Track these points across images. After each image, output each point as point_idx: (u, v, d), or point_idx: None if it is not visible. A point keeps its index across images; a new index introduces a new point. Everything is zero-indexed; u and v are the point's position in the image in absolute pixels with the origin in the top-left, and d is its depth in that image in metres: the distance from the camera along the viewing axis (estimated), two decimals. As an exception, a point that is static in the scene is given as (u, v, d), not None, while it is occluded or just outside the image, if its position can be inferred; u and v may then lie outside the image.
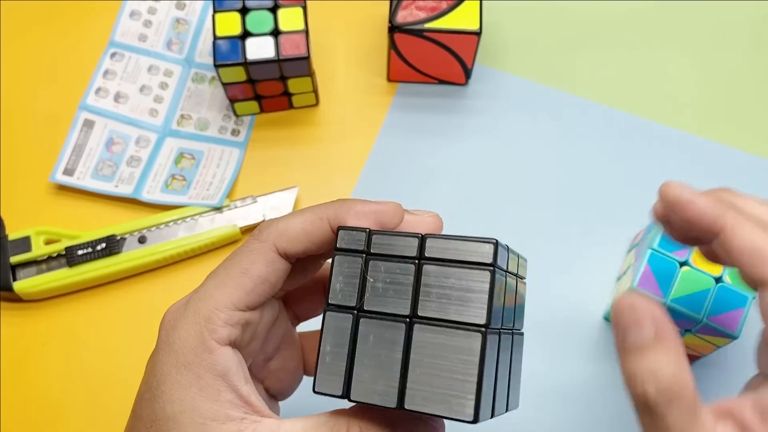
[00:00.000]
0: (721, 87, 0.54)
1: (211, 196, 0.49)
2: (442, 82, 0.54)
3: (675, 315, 0.40)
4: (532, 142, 0.52)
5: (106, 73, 0.54)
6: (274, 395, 0.34)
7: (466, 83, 0.54)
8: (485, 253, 0.25)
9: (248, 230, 0.49)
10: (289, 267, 0.29)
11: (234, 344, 0.28)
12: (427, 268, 0.26)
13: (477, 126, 0.53)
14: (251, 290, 0.28)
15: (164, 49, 0.55)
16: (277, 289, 0.29)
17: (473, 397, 0.24)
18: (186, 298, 0.29)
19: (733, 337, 0.40)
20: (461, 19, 0.49)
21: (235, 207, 0.49)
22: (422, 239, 0.26)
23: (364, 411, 0.27)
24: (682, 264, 0.41)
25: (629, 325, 0.26)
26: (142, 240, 0.48)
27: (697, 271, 0.41)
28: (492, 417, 0.26)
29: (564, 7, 0.57)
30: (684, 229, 0.30)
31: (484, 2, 0.50)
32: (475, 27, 0.48)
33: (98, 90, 0.53)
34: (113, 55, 0.54)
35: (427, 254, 0.26)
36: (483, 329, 0.24)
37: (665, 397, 0.24)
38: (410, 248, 0.26)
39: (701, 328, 0.40)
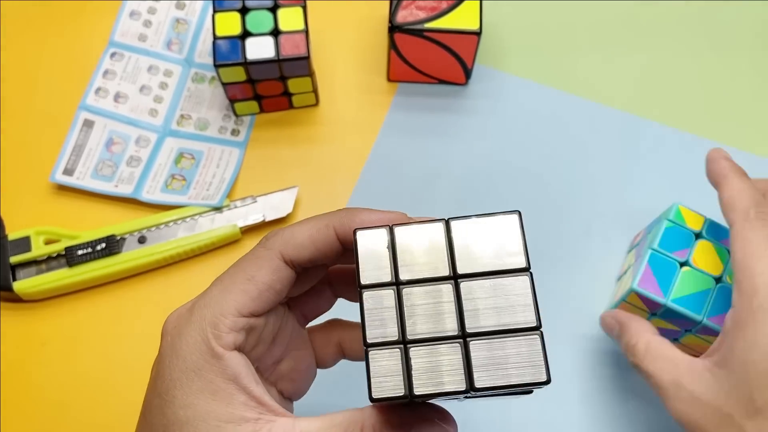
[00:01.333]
0: (721, 87, 0.54)
1: (211, 196, 0.49)
2: (442, 82, 0.54)
3: (675, 315, 0.40)
4: (531, 142, 0.52)
5: (105, 73, 0.54)
6: (289, 396, 0.34)
7: (466, 83, 0.54)
8: (519, 261, 0.26)
9: (248, 230, 0.49)
10: (295, 276, 0.29)
11: (240, 349, 0.28)
12: (465, 285, 0.26)
13: (477, 126, 0.53)
14: (256, 297, 0.28)
15: (164, 49, 0.55)
16: (282, 296, 0.29)
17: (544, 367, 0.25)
18: (189, 304, 0.29)
19: None
20: (461, 19, 0.49)
21: (235, 207, 0.49)
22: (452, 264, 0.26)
23: (378, 411, 0.27)
24: (682, 264, 0.41)
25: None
26: (142, 240, 0.48)
27: (698, 271, 0.41)
28: None
29: (564, 8, 0.57)
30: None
31: (484, 2, 0.50)
32: (475, 27, 0.48)
33: (98, 90, 0.53)
34: (113, 55, 0.54)
35: (459, 271, 0.26)
36: (538, 330, 0.25)
37: None
38: (443, 266, 0.26)
39: (701, 329, 0.40)
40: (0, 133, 0.52)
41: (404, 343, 0.25)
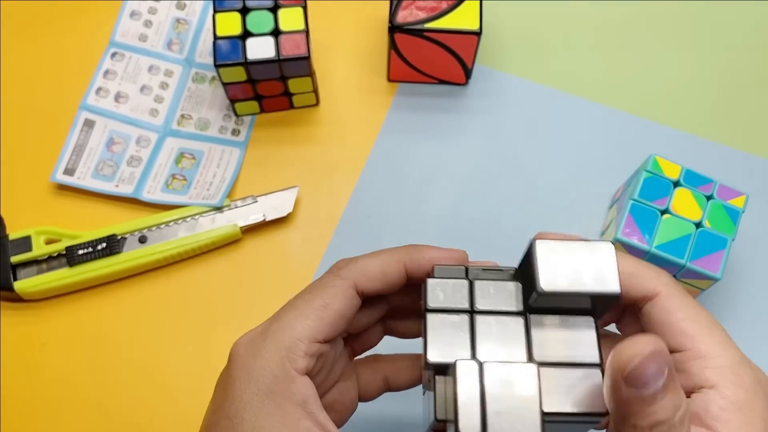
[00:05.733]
0: (721, 87, 0.54)
1: (212, 195, 0.49)
2: (442, 82, 0.54)
3: (659, 261, 0.42)
4: (531, 142, 0.52)
5: (106, 73, 0.54)
6: None
7: (466, 83, 0.54)
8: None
9: (249, 230, 0.49)
10: (360, 303, 0.31)
11: (309, 374, 0.29)
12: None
13: (477, 126, 0.53)
14: (330, 323, 0.29)
15: (164, 49, 0.55)
16: (350, 323, 0.31)
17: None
18: (260, 328, 0.30)
19: (715, 279, 0.42)
20: (461, 19, 0.49)
21: (236, 207, 0.49)
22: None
23: None
24: (663, 212, 0.43)
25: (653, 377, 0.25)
26: (142, 240, 0.48)
27: (678, 218, 0.43)
28: None
29: (564, 8, 0.57)
30: None
31: (484, 2, 0.50)
32: (475, 27, 0.48)
33: (99, 90, 0.53)
34: (114, 55, 0.54)
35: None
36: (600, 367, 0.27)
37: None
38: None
39: (685, 273, 0.42)
40: (0, 133, 0.52)
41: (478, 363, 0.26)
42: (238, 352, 0.29)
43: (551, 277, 0.26)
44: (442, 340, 0.28)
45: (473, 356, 0.27)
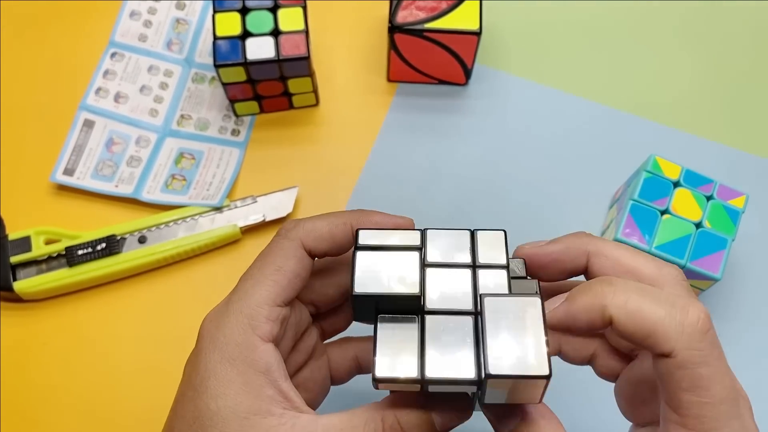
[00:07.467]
0: (720, 87, 0.54)
1: (211, 196, 0.49)
2: (442, 82, 0.54)
3: None
4: (531, 141, 0.52)
5: (106, 73, 0.54)
6: None
7: (466, 83, 0.54)
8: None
9: (248, 230, 0.49)
10: (313, 263, 0.31)
11: (274, 341, 0.29)
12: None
13: (477, 126, 0.53)
14: (286, 285, 0.30)
15: (164, 49, 0.55)
16: (306, 283, 0.31)
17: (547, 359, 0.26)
18: (224, 301, 0.30)
19: (715, 279, 0.42)
20: (461, 19, 0.49)
21: (235, 207, 0.49)
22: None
23: (396, 401, 0.28)
24: (663, 212, 0.43)
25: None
26: (142, 240, 0.48)
27: (678, 218, 0.43)
28: None
29: (564, 7, 0.57)
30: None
31: (484, 2, 0.50)
32: (475, 27, 0.48)
33: (98, 90, 0.53)
34: (113, 55, 0.54)
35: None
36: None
37: None
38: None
39: (685, 273, 0.43)
40: (0, 133, 0.52)
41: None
42: (205, 326, 0.30)
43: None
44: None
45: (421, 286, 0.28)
